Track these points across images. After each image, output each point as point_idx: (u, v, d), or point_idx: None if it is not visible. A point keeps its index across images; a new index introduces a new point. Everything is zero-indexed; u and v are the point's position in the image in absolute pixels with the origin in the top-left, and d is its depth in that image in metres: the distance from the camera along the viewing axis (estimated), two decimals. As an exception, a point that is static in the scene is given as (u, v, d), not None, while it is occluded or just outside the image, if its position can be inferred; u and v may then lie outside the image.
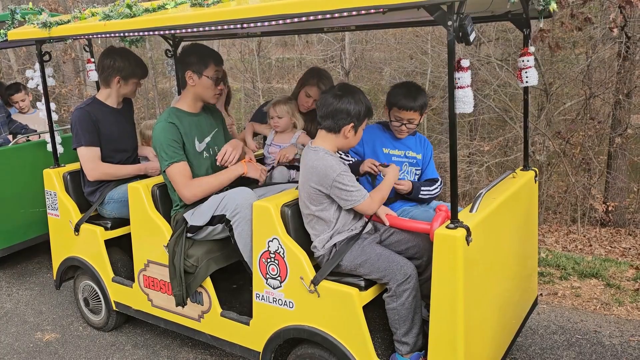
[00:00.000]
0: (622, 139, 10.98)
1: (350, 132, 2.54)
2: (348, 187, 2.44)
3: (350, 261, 2.49)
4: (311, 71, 3.65)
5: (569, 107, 11.78)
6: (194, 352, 3.44)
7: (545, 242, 10.43)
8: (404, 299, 2.38)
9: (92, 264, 3.58)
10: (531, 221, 3.07)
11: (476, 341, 2.33)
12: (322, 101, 2.57)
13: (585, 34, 10.63)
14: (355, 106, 2.50)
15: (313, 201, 2.52)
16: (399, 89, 2.94)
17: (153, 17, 2.77)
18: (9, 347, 3.65)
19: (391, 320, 2.44)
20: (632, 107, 11.42)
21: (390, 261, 2.43)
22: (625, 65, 10.35)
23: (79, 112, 3.51)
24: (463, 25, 1.98)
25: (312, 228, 2.60)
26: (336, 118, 2.51)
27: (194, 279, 2.91)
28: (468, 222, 2.19)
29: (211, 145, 3.14)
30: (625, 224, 11.78)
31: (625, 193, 12.15)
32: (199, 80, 2.98)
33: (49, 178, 3.74)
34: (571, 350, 3.34)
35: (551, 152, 11.46)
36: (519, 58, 2.92)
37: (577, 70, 11.33)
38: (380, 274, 2.43)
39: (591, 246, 10.10)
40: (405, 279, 2.38)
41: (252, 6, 2.41)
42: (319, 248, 2.58)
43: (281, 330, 2.67)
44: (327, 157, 2.49)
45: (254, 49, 16.23)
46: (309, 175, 2.51)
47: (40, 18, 3.42)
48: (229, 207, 2.79)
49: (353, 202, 2.46)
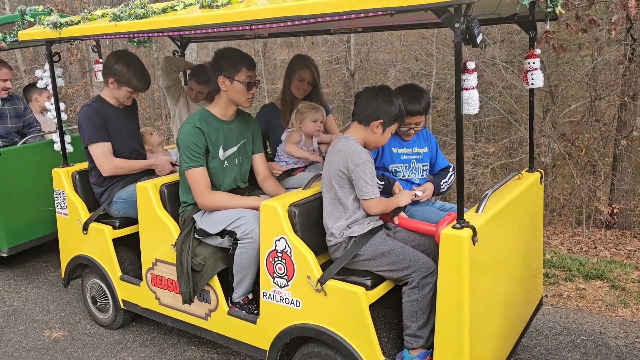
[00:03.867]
0: (627, 141, 10.96)
1: (378, 128, 2.63)
2: (367, 178, 2.54)
3: (371, 250, 2.54)
4: (297, 57, 3.78)
5: (574, 109, 11.77)
6: (201, 351, 3.47)
7: (550, 244, 10.41)
8: (426, 292, 2.43)
9: (100, 263, 3.61)
10: (536, 222, 3.09)
11: (481, 340, 2.35)
12: (360, 95, 2.70)
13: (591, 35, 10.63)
14: (388, 106, 2.62)
15: (336, 183, 2.60)
16: (403, 94, 2.94)
17: (163, 18, 2.80)
18: (18, 344, 3.69)
19: (408, 314, 2.46)
20: (638, 110, 11.40)
21: (416, 254, 2.49)
22: (630, 68, 10.33)
23: (87, 109, 3.54)
24: (470, 28, 2.00)
25: (330, 213, 2.65)
26: (368, 111, 2.62)
27: (201, 277, 2.94)
28: (474, 222, 2.21)
29: (236, 156, 3.14)
30: (630, 227, 11.75)
31: (631, 195, 12.12)
32: (231, 85, 2.95)
33: (58, 177, 3.79)
34: (576, 351, 3.35)
35: (556, 154, 11.46)
36: (525, 60, 2.94)
37: (582, 72, 11.32)
38: (404, 265, 2.47)
39: (596, 248, 10.08)
40: (430, 272, 2.43)
41: (260, 8, 2.44)
42: (336, 235, 2.62)
43: (288, 329, 2.69)
44: (356, 145, 2.62)
45: (260, 50, 16.27)
46: (336, 158, 2.60)
47: (51, 19, 3.46)
48: (242, 228, 2.83)
49: (365, 194, 2.54)
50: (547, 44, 8.07)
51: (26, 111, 5.01)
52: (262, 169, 3.30)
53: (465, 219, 2.21)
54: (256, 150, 3.29)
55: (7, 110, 4.82)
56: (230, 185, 3.14)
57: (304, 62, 3.70)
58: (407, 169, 3.12)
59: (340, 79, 15.56)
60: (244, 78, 2.95)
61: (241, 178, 3.23)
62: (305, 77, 3.68)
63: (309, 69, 3.66)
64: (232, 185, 3.15)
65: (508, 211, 2.57)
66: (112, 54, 3.57)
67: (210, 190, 3.00)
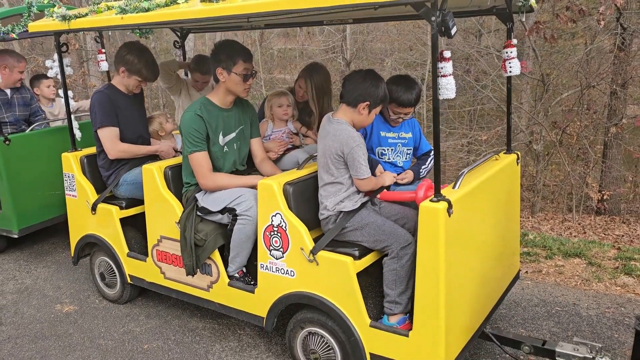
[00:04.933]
0: (617, 129, 11.20)
1: (364, 109, 2.84)
2: (361, 160, 2.78)
3: (357, 222, 2.79)
4: (307, 66, 3.98)
5: (566, 97, 12.00)
6: (203, 322, 3.73)
7: (540, 229, 10.68)
8: (404, 262, 2.68)
9: (108, 241, 3.86)
10: (513, 201, 3.34)
11: (456, 305, 2.60)
12: (348, 78, 2.88)
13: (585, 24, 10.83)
14: (374, 89, 2.81)
15: (332, 166, 2.83)
16: (396, 86, 3.16)
17: (167, 11, 3.01)
18: (32, 317, 3.94)
19: (388, 282, 2.72)
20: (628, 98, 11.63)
21: (395, 227, 2.75)
22: (620, 56, 10.55)
23: (99, 95, 3.78)
24: (445, 21, 2.23)
25: (325, 190, 2.89)
26: (355, 94, 2.82)
27: (203, 251, 3.19)
28: (450, 196, 2.46)
29: (235, 141, 3.36)
30: (620, 212, 12.04)
31: (621, 182, 12.40)
32: (228, 76, 3.16)
33: (67, 161, 4.02)
34: (550, 320, 3.62)
35: (548, 141, 11.71)
36: (503, 50, 3.17)
37: (573, 61, 11.53)
38: (384, 236, 2.72)
39: (585, 233, 10.35)
40: (408, 244, 2.68)
41: (257, 2, 2.65)
42: (329, 208, 2.86)
43: (283, 297, 2.95)
44: (348, 128, 2.83)
45: (257, 39, 16.42)
46: (331, 142, 2.82)
47: (59, 11, 3.67)
48: (242, 205, 3.07)
49: (360, 174, 2.79)
50: (538, 33, 8.29)
51: (32, 100, 5.23)
52: (259, 152, 3.53)
53: (442, 194, 2.46)
54: (253, 134, 3.52)
55: (15, 99, 5.04)
56: (230, 168, 3.38)
57: (306, 72, 3.89)
58: (392, 152, 3.36)
59: (337, 68, 15.74)
60: (240, 70, 3.15)
61: (240, 161, 3.46)
62: (302, 86, 3.91)
63: (304, 80, 3.86)
64: (231, 168, 3.39)
65: (483, 188, 2.82)
66: (125, 44, 3.80)
67: (212, 172, 3.23)
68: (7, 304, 4.16)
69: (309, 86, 3.83)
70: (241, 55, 3.16)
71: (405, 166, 3.39)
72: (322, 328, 2.87)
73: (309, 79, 3.83)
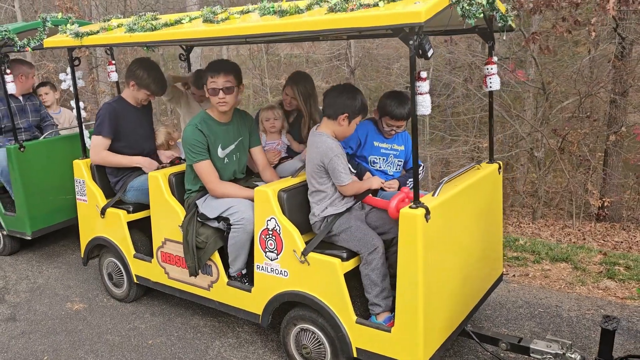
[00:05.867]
0: (616, 137, 11.35)
1: (344, 121, 3.07)
2: (340, 168, 3.02)
3: (336, 227, 3.05)
4: (292, 75, 4.19)
5: (567, 105, 12.17)
6: (204, 319, 3.97)
7: (540, 235, 10.83)
8: (373, 266, 2.90)
9: (116, 243, 4.11)
10: (495, 208, 3.55)
11: (435, 304, 2.82)
12: (327, 93, 3.12)
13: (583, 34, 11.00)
14: (351, 101, 3.06)
15: (316, 175, 3.08)
16: (390, 100, 3.39)
17: (172, 30, 3.27)
18: (44, 314, 4.19)
19: (365, 286, 2.95)
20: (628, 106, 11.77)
21: (364, 233, 2.96)
22: (618, 65, 10.71)
23: (106, 106, 4.05)
24: (422, 44, 2.46)
25: (313, 197, 3.15)
26: (334, 107, 3.06)
27: (204, 253, 3.43)
28: (428, 203, 2.68)
29: (234, 152, 3.58)
30: (620, 219, 12.16)
31: (621, 189, 12.52)
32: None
33: (78, 168, 4.28)
34: (532, 320, 3.82)
35: (548, 149, 11.87)
36: (484, 66, 3.38)
37: (573, 69, 11.70)
38: (354, 242, 2.96)
39: (584, 240, 10.47)
40: (374, 249, 2.90)
41: (254, 25, 2.90)
42: (316, 214, 3.12)
43: (277, 295, 3.18)
44: (328, 140, 3.07)
45: (263, 46, 16.70)
46: (313, 155, 3.08)
47: (72, 28, 3.94)
48: (235, 216, 3.31)
49: (340, 181, 3.04)
50: (534, 44, 8.50)
51: (41, 106, 5.55)
52: (261, 160, 3.76)
53: (420, 201, 2.68)
54: (253, 144, 3.74)
55: (28, 106, 5.34)
56: (230, 177, 3.61)
57: (291, 81, 4.11)
58: (384, 162, 3.59)
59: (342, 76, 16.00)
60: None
61: (240, 170, 3.70)
62: (288, 93, 4.13)
63: (290, 87, 4.08)
64: (231, 177, 3.62)
65: (462, 196, 3.03)
66: (136, 60, 4.06)
67: (219, 180, 3.47)
68: (20, 302, 4.42)
69: (296, 92, 4.05)
70: (209, 70, 3.35)
71: (395, 176, 3.62)
72: (313, 324, 3.10)
73: (295, 86, 4.06)
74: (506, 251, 5.13)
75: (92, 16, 13.57)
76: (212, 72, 3.33)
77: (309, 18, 2.70)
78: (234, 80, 3.36)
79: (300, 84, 4.07)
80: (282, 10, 2.83)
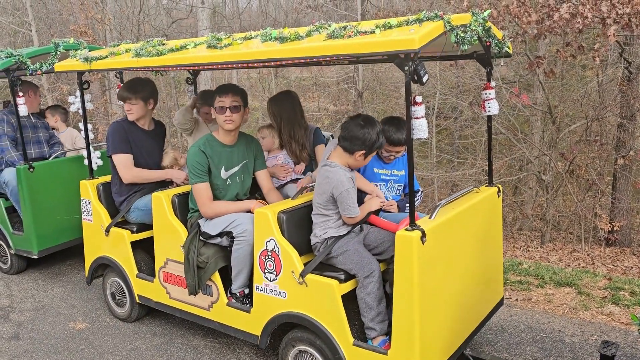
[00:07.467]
0: (624, 160, 11.30)
1: (360, 156, 3.08)
2: (349, 202, 3.03)
3: (335, 250, 3.06)
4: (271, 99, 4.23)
5: (574, 129, 12.17)
6: (205, 340, 3.98)
7: (549, 259, 10.73)
8: (369, 290, 2.91)
9: (119, 262, 4.16)
10: (494, 231, 3.56)
11: (432, 326, 2.82)
12: (346, 125, 3.10)
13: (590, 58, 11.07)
14: (369, 137, 3.02)
15: (323, 202, 3.11)
16: (388, 126, 3.42)
17: (177, 56, 3.36)
18: (47, 333, 4.23)
19: (361, 309, 2.96)
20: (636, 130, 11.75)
21: (362, 257, 2.98)
22: (625, 90, 10.74)
23: (115, 124, 4.16)
24: (417, 70, 2.52)
25: (316, 218, 3.18)
26: (353, 143, 3.04)
27: (204, 273, 3.47)
28: (424, 226, 2.70)
29: (238, 174, 3.65)
30: (630, 244, 12.02)
31: (630, 213, 12.40)
32: (214, 112, 3.53)
33: (85, 188, 4.36)
34: (534, 346, 3.79)
35: (556, 172, 11.83)
36: (482, 91, 3.44)
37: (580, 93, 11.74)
38: (351, 266, 2.98)
39: (594, 264, 10.35)
40: (370, 273, 2.92)
41: (255, 50, 2.98)
42: (318, 235, 3.15)
43: (276, 316, 3.20)
44: (339, 172, 3.06)
45: (272, 70, 16.94)
46: (325, 185, 3.08)
47: (82, 53, 4.06)
48: (237, 228, 3.36)
49: (348, 214, 3.06)
50: (538, 68, 8.57)
51: (47, 124, 5.70)
52: (266, 183, 3.82)
53: (417, 224, 2.70)
54: (258, 168, 3.81)
55: (39, 123, 5.50)
56: (232, 198, 3.67)
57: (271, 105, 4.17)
58: (384, 187, 3.63)
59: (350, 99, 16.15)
60: (216, 104, 3.49)
61: (244, 192, 3.75)
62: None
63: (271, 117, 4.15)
64: (233, 198, 3.68)
65: (460, 218, 3.05)
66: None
67: (211, 201, 3.53)
68: (24, 321, 4.47)
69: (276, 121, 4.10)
70: (218, 91, 3.51)
71: (395, 200, 3.65)
72: (311, 346, 3.10)
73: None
74: (509, 275, 5.10)
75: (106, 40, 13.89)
76: (220, 93, 3.49)
77: (308, 44, 2.78)
78: (241, 101, 3.51)
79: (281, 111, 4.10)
80: (282, 36, 2.92)
